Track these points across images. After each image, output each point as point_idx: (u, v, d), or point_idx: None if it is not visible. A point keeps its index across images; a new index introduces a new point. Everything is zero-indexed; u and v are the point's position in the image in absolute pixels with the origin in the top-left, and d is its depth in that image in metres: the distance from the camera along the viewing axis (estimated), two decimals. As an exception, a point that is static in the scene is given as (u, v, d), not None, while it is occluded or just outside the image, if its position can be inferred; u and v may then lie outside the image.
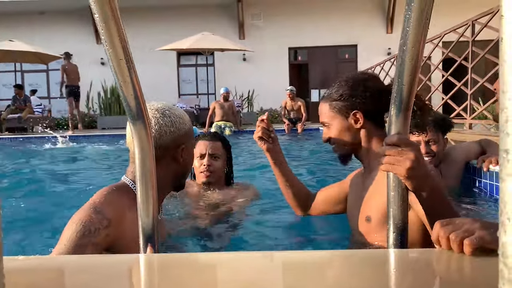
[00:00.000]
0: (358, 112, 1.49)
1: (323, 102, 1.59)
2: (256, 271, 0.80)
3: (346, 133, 1.52)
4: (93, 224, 1.13)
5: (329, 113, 1.55)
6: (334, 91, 1.55)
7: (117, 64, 0.82)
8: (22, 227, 1.91)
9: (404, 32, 0.83)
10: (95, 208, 1.17)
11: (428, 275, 0.76)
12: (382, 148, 1.03)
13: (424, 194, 1.06)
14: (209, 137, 2.32)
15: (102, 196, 1.22)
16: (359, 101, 1.49)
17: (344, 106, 1.51)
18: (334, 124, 1.54)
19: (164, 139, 1.29)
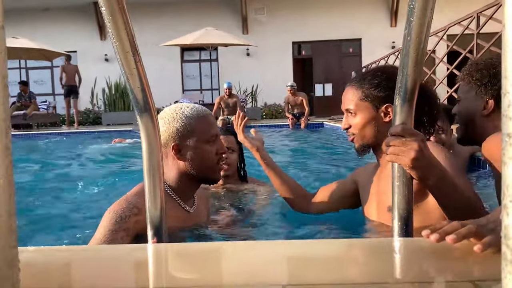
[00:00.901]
0: (391, 106, 1.40)
1: (352, 87, 1.49)
2: (263, 260, 0.81)
3: (372, 124, 1.44)
4: (124, 212, 1.27)
5: (358, 101, 1.46)
6: (368, 79, 1.46)
7: (124, 56, 0.83)
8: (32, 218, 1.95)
9: (408, 22, 0.84)
10: (126, 198, 1.33)
11: (433, 264, 0.77)
12: (387, 139, 1.04)
13: (430, 183, 1.06)
14: (223, 132, 2.36)
15: (134, 189, 1.37)
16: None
17: (378, 97, 1.43)
18: (362, 113, 1.45)
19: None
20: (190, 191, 1.48)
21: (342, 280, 0.70)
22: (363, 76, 1.49)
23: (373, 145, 1.48)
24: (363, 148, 1.48)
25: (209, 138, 1.43)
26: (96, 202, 2.53)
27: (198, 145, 1.41)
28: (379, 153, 1.49)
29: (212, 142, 1.44)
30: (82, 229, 1.75)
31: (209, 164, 1.43)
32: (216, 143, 1.45)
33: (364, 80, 1.46)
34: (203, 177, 1.45)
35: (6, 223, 0.42)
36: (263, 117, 13.17)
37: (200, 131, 1.42)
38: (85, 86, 14.30)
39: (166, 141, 1.41)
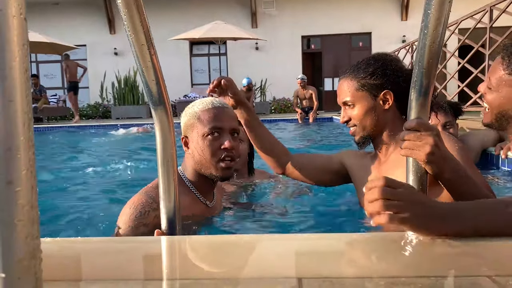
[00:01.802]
0: (389, 92, 1.40)
1: (346, 79, 1.46)
2: (278, 253, 0.81)
3: (372, 114, 1.42)
4: (144, 207, 1.27)
5: (355, 92, 1.43)
6: (362, 68, 1.44)
7: (139, 49, 0.83)
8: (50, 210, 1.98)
9: (426, 14, 0.83)
10: (145, 192, 1.31)
11: (450, 258, 0.76)
12: (402, 133, 1.03)
13: (445, 177, 1.06)
14: None
15: (153, 183, 1.35)
16: (392, 80, 1.39)
17: (375, 85, 1.41)
18: (360, 103, 1.43)
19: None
20: (207, 185, 1.45)
21: (357, 274, 0.70)
22: (356, 66, 1.46)
23: (375, 135, 1.45)
24: (364, 139, 1.46)
25: (209, 131, 1.35)
26: (113, 192, 2.55)
27: (197, 138, 1.37)
28: (379, 144, 1.47)
29: (214, 135, 1.36)
30: (98, 220, 1.77)
31: (209, 158, 1.36)
32: (221, 138, 1.36)
33: (358, 70, 1.44)
34: (206, 172, 1.39)
35: (29, 214, 0.43)
36: (271, 111, 13.16)
37: (201, 124, 1.37)
38: (95, 80, 14.41)
39: (182, 135, 1.43)
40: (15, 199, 0.42)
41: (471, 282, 0.65)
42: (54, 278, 0.69)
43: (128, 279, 0.70)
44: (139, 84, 12.90)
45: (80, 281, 0.71)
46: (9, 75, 0.41)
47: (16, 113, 0.42)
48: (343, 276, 0.68)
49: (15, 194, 0.42)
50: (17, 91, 0.41)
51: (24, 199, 0.42)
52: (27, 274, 0.43)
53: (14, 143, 0.42)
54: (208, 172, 1.39)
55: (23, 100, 0.42)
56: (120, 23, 14.84)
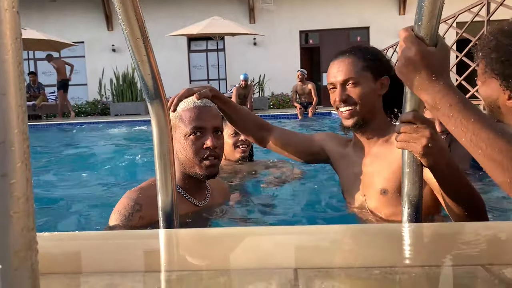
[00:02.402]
0: (388, 79, 1.43)
1: (349, 58, 1.45)
2: (274, 244, 0.82)
3: (371, 96, 1.43)
4: (127, 210, 1.31)
5: (360, 71, 1.42)
6: (365, 48, 1.47)
7: (134, 43, 0.83)
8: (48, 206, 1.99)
9: (419, 7, 0.83)
10: (128, 196, 1.35)
11: (444, 248, 0.77)
12: (397, 126, 1.04)
13: (440, 170, 1.06)
14: None
15: (137, 186, 1.39)
16: (389, 69, 1.44)
17: (378, 68, 1.43)
18: (364, 83, 1.42)
19: None
20: (194, 184, 1.45)
21: (352, 264, 0.70)
22: (359, 47, 1.49)
23: (367, 120, 1.44)
24: (358, 122, 1.43)
25: (191, 131, 1.36)
26: (111, 188, 2.56)
27: (180, 139, 1.37)
28: (365, 132, 1.46)
29: (196, 135, 1.36)
30: (96, 215, 1.78)
31: (192, 158, 1.37)
32: (203, 137, 1.37)
33: (362, 50, 1.47)
34: (191, 171, 1.40)
35: (24, 206, 0.43)
36: (270, 107, 13.15)
37: (183, 124, 1.37)
38: (93, 76, 14.39)
39: None
40: (10, 192, 0.42)
41: (466, 271, 0.66)
42: (52, 271, 0.69)
43: (125, 271, 0.71)
44: (137, 81, 12.88)
45: (78, 274, 0.71)
46: (2, 69, 0.41)
47: (9, 106, 0.42)
48: (338, 266, 0.69)
49: (10, 187, 0.42)
50: (10, 84, 0.42)
51: (19, 191, 0.43)
52: (24, 266, 0.44)
53: (8, 136, 0.42)
54: (193, 171, 1.39)
55: (16, 93, 0.42)
56: (118, 19, 14.72)
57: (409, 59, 0.88)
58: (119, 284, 0.64)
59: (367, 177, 1.45)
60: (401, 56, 0.90)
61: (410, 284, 0.63)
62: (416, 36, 0.88)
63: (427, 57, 0.86)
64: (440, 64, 0.88)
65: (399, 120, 1.04)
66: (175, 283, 0.66)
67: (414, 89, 0.91)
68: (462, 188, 1.09)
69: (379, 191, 1.39)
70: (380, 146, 1.44)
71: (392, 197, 1.37)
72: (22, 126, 0.43)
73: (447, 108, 0.84)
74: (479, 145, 0.80)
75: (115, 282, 0.65)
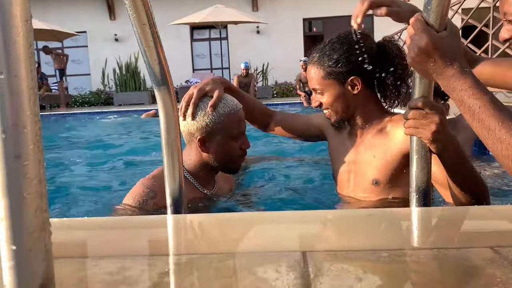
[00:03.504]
0: (356, 78, 1.40)
1: (314, 66, 1.47)
2: (282, 228, 0.83)
3: (341, 100, 1.43)
4: (142, 197, 1.35)
5: (322, 80, 1.43)
6: (327, 54, 1.43)
7: (141, 29, 0.83)
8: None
9: (428, -11, 0.82)
10: (142, 183, 1.40)
11: (452, 231, 0.77)
12: (406, 112, 1.03)
13: (448, 157, 1.06)
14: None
15: (150, 174, 1.44)
16: (358, 65, 1.38)
17: (341, 73, 1.40)
18: (329, 91, 1.43)
19: (189, 126, 1.43)
20: (209, 176, 1.54)
21: (360, 247, 0.71)
22: (321, 52, 1.45)
23: (348, 118, 1.47)
24: (339, 122, 1.48)
25: (236, 135, 1.45)
26: (119, 176, 2.58)
27: (224, 142, 1.44)
28: (354, 125, 1.48)
29: (238, 138, 1.46)
30: (105, 202, 1.80)
31: (232, 158, 1.48)
32: (241, 139, 1.48)
33: (323, 56, 1.44)
34: (224, 168, 1.51)
35: (37, 188, 0.44)
36: (274, 95, 13.12)
37: (228, 128, 1.43)
38: (96, 66, 14.37)
39: (194, 132, 1.43)
40: (24, 173, 0.43)
41: (474, 253, 0.66)
42: (62, 255, 0.70)
43: (135, 255, 0.71)
44: (140, 70, 12.87)
45: (89, 258, 0.72)
46: (13, 50, 0.41)
47: (21, 88, 0.42)
48: (346, 249, 0.69)
49: (23, 168, 0.43)
50: (21, 66, 0.42)
51: (32, 173, 0.43)
52: (38, 247, 0.44)
53: (21, 118, 0.42)
54: (226, 167, 1.51)
55: (28, 75, 0.42)
56: (120, 9, 14.73)
57: (421, 48, 0.87)
58: (130, 267, 0.65)
59: (359, 165, 1.45)
60: (413, 46, 0.89)
61: (419, 266, 0.63)
62: (426, 21, 0.87)
63: (439, 44, 0.86)
64: (453, 48, 0.87)
65: (408, 106, 1.03)
66: (185, 266, 0.66)
67: (429, 77, 0.90)
68: (468, 175, 1.09)
69: (371, 181, 1.39)
70: (374, 135, 1.43)
71: (384, 188, 1.37)
72: (34, 108, 0.43)
73: (459, 92, 0.84)
74: (484, 133, 0.81)
75: (125, 265, 0.66)
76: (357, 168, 1.46)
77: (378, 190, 1.38)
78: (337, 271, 0.60)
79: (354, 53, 1.39)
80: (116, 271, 0.63)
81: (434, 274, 0.61)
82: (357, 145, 1.48)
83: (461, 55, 0.88)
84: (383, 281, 0.58)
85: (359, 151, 1.46)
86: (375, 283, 0.56)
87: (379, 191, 1.38)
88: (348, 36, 1.44)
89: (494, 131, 0.80)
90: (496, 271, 0.58)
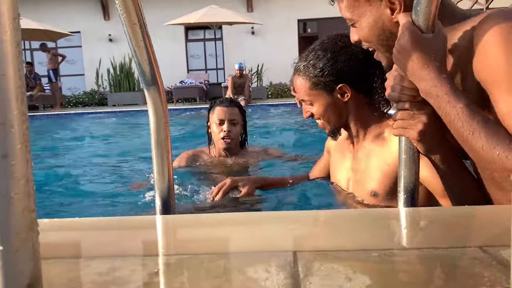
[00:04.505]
0: (345, 86, 1.35)
1: (299, 77, 1.41)
2: (273, 229, 0.83)
3: (332, 108, 1.39)
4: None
5: (310, 91, 1.39)
6: (311, 64, 1.38)
7: (131, 28, 0.83)
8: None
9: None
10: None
11: (440, 231, 0.78)
12: (394, 113, 1.03)
13: (437, 157, 1.06)
14: (227, 103, 2.37)
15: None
16: (344, 72, 1.34)
17: (328, 82, 1.35)
18: (318, 101, 1.39)
19: None
20: None
21: (350, 247, 0.71)
22: (306, 61, 1.40)
23: (342, 126, 1.44)
24: (333, 132, 1.45)
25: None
26: (111, 176, 2.57)
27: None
28: (349, 132, 1.46)
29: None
30: (95, 202, 1.79)
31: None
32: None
33: (308, 67, 1.39)
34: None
35: (25, 187, 0.44)
36: (268, 96, 13.12)
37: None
38: (90, 67, 14.30)
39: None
40: (11, 173, 0.42)
41: (463, 253, 0.67)
42: (52, 256, 0.70)
43: (125, 255, 0.71)
44: (134, 71, 12.83)
45: (78, 259, 0.72)
46: (0, 49, 0.41)
47: (8, 87, 0.42)
48: (336, 249, 0.70)
49: (10, 168, 0.42)
50: (8, 65, 0.42)
51: (20, 172, 0.43)
52: (25, 247, 0.44)
53: (8, 117, 0.42)
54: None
55: (15, 74, 0.42)
56: (115, 9, 14.62)
57: (402, 45, 0.88)
58: (120, 268, 0.65)
59: (358, 174, 1.43)
60: (396, 42, 0.90)
61: (408, 265, 0.64)
62: (414, 21, 0.88)
63: (420, 43, 0.86)
64: (434, 51, 0.87)
65: (396, 107, 1.04)
66: (176, 266, 0.66)
67: (408, 76, 0.91)
68: (459, 174, 1.09)
69: (369, 192, 1.36)
70: (371, 141, 1.40)
71: (382, 200, 1.34)
72: (21, 107, 0.43)
73: (436, 98, 0.85)
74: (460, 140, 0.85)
75: (116, 265, 0.66)
76: (356, 177, 1.44)
77: (376, 201, 1.36)
78: (327, 271, 0.60)
79: (340, 59, 1.34)
80: (106, 272, 0.63)
81: (424, 273, 0.62)
82: (356, 150, 1.46)
83: (441, 61, 0.87)
84: (373, 280, 0.58)
85: (357, 157, 1.44)
86: (365, 283, 0.57)
87: (377, 202, 1.36)
88: (331, 42, 1.39)
89: (467, 141, 0.83)
90: (485, 271, 0.58)
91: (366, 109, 1.42)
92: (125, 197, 1.89)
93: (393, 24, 1.02)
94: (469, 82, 0.90)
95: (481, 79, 0.86)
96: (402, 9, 0.99)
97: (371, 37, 1.07)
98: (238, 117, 2.36)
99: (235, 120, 2.34)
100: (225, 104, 2.35)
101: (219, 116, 2.30)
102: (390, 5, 1.01)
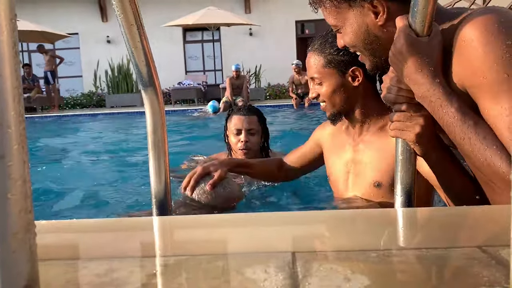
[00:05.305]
0: (358, 69, 1.35)
1: (314, 54, 1.41)
2: (272, 230, 0.82)
3: (341, 91, 1.38)
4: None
5: (322, 69, 1.38)
6: (329, 42, 1.37)
7: (128, 29, 0.83)
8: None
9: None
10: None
11: (439, 231, 0.78)
12: (391, 114, 1.03)
13: (433, 159, 1.06)
14: (245, 111, 2.24)
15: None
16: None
17: (343, 61, 1.35)
18: (328, 81, 1.38)
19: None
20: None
21: (349, 248, 0.71)
22: (324, 39, 1.40)
23: (346, 112, 1.42)
24: (335, 116, 1.43)
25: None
26: (108, 178, 2.57)
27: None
28: (352, 120, 1.44)
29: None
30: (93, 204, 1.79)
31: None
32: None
33: (325, 44, 1.38)
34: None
35: (22, 188, 0.43)
36: (266, 97, 13.13)
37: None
38: (88, 68, 14.29)
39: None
40: (8, 174, 0.42)
41: (462, 253, 0.66)
42: (50, 257, 0.69)
43: (123, 256, 0.71)
44: (132, 72, 12.83)
45: (76, 260, 0.72)
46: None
47: (5, 87, 0.42)
48: (335, 250, 0.70)
49: (7, 169, 0.42)
50: (5, 65, 0.42)
51: (17, 173, 0.43)
52: (22, 248, 0.44)
53: (5, 118, 0.42)
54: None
55: (12, 74, 0.42)
56: (113, 10, 14.58)
57: (397, 48, 0.88)
58: (118, 269, 0.65)
59: (359, 166, 1.41)
60: (392, 46, 0.90)
61: (407, 266, 0.63)
62: (410, 24, 0.87)
63: (415, 47, 0.86)
64: (429, 56, 0.87)
65: (393, 108, 1.03)
66: (174, 267, 0.66)
67: (403, 79, 0.91)
68: (456, 175, 1.09)
69: (372, 183, 1.35)
70: (374, 133, 1.39)
71: (386, 190, 1.33)
72: (18, 108, 0.43)
73: (429, 103, 0.86)
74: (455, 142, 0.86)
75: (113, 267, 0.66)
76: (356, 169, 1.42)
77: (380, 193, 1.34)
78: (326, 271, 0.60)
79: None
80: (104, 273, 0.63)
81: (422, 273, 0.61)
82: (356, 143, 1.43)
83: (436, 66, 0.87)
84: (372, 281, 0.58)
85: (358, 149, 1.42)
86: (364, 283, 0.56)
87: (381, 194, 1.34)
88: None
89: (460, 144, 0.85)
90: (484, 271, 0.58)
91: (374, 98, 1.41)
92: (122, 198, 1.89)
93: (377, 28, 1.03)
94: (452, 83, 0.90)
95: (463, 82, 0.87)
96: (386, 12, 1.01)
97: (356, 42, 1.08)
98: (256, 126, 2.23)
99: (253, 129, 2.21)
100: (242, 113, 2.22)
101: (236, 126, 2.20)
102: (373, 9, 1.02)
